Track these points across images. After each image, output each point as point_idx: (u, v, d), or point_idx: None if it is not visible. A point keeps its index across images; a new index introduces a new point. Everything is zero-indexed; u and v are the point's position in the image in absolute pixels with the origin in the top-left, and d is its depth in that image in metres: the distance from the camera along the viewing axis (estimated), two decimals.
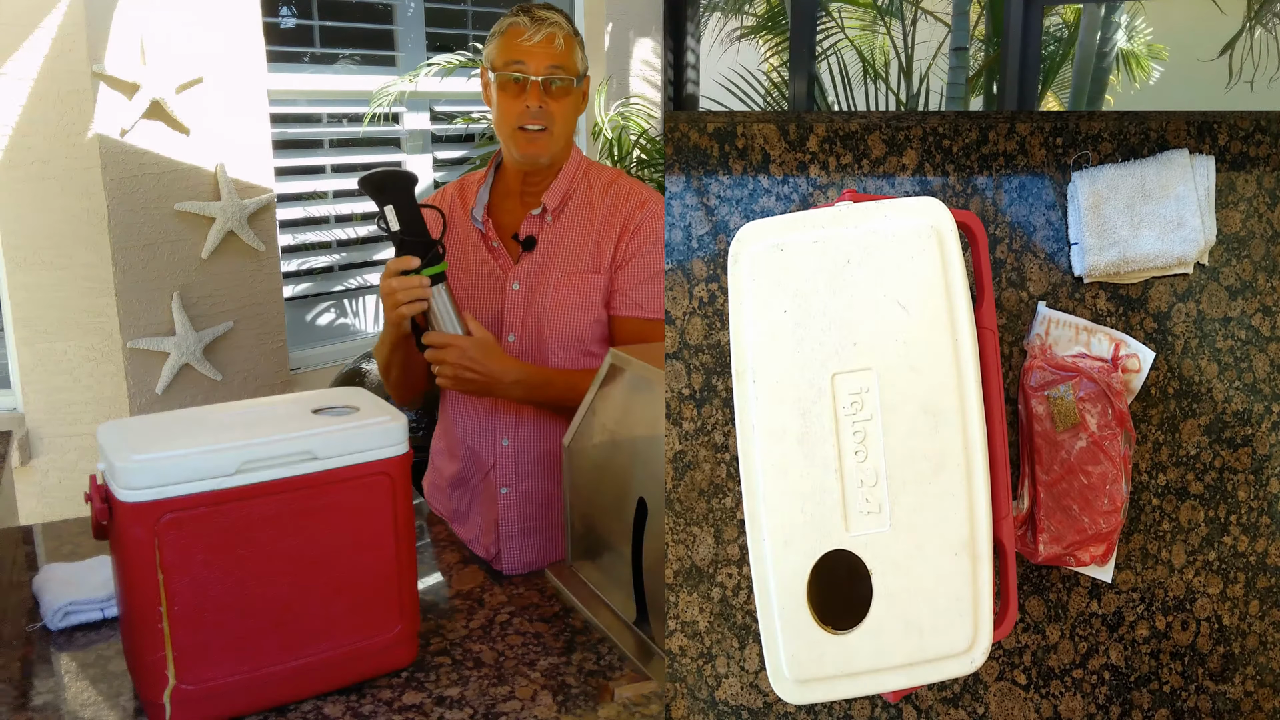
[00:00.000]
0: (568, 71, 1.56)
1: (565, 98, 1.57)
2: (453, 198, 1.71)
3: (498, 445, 1.66)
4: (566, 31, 1.57)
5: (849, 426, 0.84)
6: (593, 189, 1.64)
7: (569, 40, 1.57)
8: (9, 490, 1.66)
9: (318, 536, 1.11)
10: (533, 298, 1.61)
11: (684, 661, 1.02)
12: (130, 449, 1.04)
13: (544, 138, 1.56)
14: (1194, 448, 1.05)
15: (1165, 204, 1.03)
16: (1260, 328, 1.06)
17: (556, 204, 1.61)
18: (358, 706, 1.14)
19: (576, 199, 1.63)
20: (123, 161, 2.32)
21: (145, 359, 2.43)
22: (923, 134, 1.02)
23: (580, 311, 1.59)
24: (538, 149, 1.57)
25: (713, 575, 1.01)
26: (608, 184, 1.65)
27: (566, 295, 1.59)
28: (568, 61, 1.56)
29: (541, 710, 1.14)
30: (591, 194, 1.63)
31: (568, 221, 1.62)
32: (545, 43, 1.54)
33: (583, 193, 1.63)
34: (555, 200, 1.61)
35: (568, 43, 1.57)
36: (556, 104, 1.56)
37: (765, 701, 1.01)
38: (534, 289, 1.61)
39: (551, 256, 1.61)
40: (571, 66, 1.57)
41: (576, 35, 1.60)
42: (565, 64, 1.56)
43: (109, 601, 1.32)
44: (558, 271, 1.60)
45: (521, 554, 1.67)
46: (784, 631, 0.85)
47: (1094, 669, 1.05)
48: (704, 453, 1.02)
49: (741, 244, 0.88)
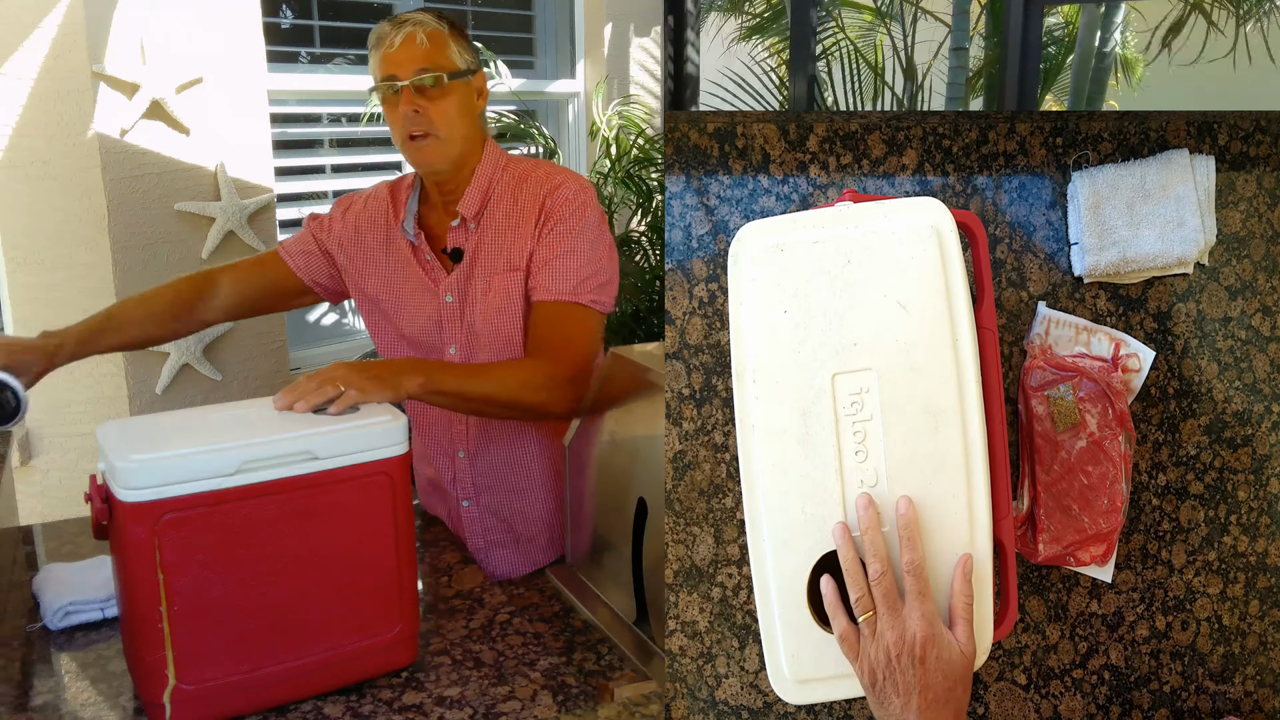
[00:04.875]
0: (437, 68, 1.45)
1: (443, 98, 1.46)
2: (385, 207, 1.63)
3: (455, 459, 1.62)
4: (432, 28, 1.46)
5: (849, 427, 0.84)
6: (512, 187, 1.55)
7: (435, 36, 1.46)
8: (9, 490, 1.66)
9: (318, 536, 1.11)
10: (464, 308, 1.55)
11: (684, 661, 1.02)
12: (130, 449, 1.04)
13: (431, 144, 1.48)
14: (1194, 448, 1.05)
15: (1165, 204, 1.03)
16: (1260, 328, 1.06)
17: (475, 210, 1.53)
18: (358, 706, 1.14)
19: (496, 200, 1.54)
20: (123, 161, 2.32)
21: (145, 359, 2.43)
22: (923, 134, 1.02)
23: (505, 314, 1.53)
24: (426, 157, 1.49)
25: (713, 575, 1.01)
26: (524, 178, 1.55)
27: (493, 300, 1.53)
28: (437, 59, 1.46)
29: (541, 710, 1.14)
30: (511, 192, 1.54)
31: (490, 225, 1.54)
32: (407, 44, 1.45)
33: (501, 192, 1.55)
34: (473, 207, 1.53)
35: (434, 39, 1.46)
36: (434, 105, 1.46)
37: (765, 701, 1.01)
38: (465, 299, 1.55)
39: (477, 263, 1.54)
40: (443, 63, 1.46)
41: (454, 29, 1.49)
42: (434, 62, 1.45)
43: (109, 601, 1.32)
44: (483, 277, 1.53)
45: (491, 565, 1.65)
46: (784, 631, 0.85)
47: (1094, 669, 1.05)
48: (704, 453, 1.02)
49: (741, 244, 0.88)
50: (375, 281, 1.62)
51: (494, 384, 1.43)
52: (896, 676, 0.79)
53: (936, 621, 0.80)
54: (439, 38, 1.47)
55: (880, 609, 0.81)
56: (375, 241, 1.62)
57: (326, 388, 1.20)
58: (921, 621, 0.79)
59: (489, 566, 1.64)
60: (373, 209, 1.64)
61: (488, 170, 1.54)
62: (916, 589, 0.80)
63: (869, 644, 0.81)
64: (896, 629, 0.80)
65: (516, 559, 1.65)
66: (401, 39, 1.45)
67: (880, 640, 0.80)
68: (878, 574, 0.81)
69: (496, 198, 1.54)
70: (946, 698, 0.79)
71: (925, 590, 0.81)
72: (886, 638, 0.80)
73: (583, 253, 1.50)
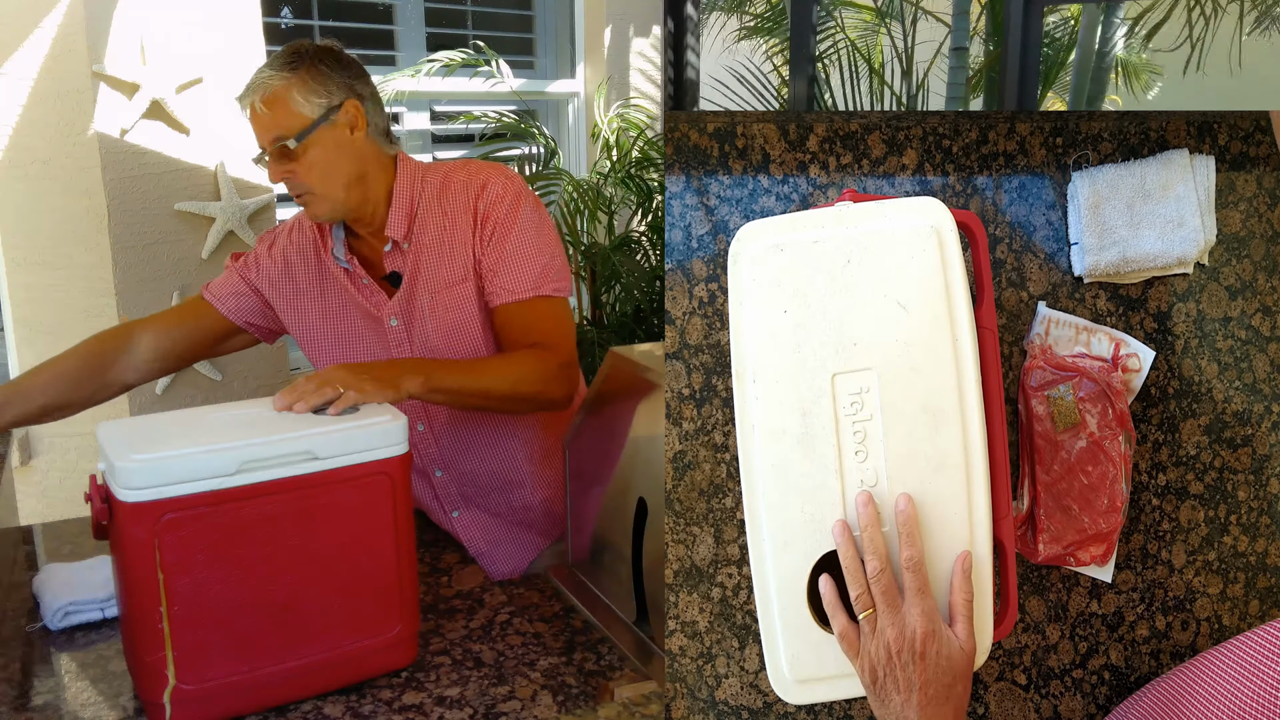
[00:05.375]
0: (285, 133, 1.39)
1: (304, 155, 1.40)
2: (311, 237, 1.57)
3: (432, 478, 1.61)
4: (271, 90, 1.39)
5: (849, 426, 0.84)
6: (435, 195, 1.50)
7: (274, 99, 1.38)
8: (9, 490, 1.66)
9: (318, 536, 1.11)
10: (412, 330, 1.51)
11: (684, 661, 1.02)
12: (130, 449, 1.04)
13: (311, 200, 1.43)
14: (1194, 448, 1.05)
15: (1165, 204, 1.03)
16: (1260, 328, 1.06)
17: (404, 231, 1.48)
18: (358, 706, 1.14)
19: (424, 215, 1.49)
20: (123, 161, 2.32)
21: None
22: (923, 134, 1.02)
23: (462, 328, 1.50)
24: (314, 212, 1.45)
25: (713, 575, 1.01)
26: (445, 185, 1.50)
27: (443, 316, 1.49)
28: (284, 122, 1.39)
29: (541, 710, 1.14)
30: (437, 203, 1.49)
31: (424, 241, 1.49)
32: (254, 115, 1.41)
33: (427, 205, 1.49)
34: (400, 228, 1.48)
35: (273, 102, 1.38)
36: (300, 165, 1.40)
37: (765, 701, 1.01)
38: (410, 320, 1.51)
39: (417, 282, 1.49)
40: (289, 123, 1.39)
41: (298, 72, 1.39)
42: (281, 127, 1.39)
43: (109, 601, 1.32)
44: (428, 294, 1.48)
45: (494, 565, 1.65)
46: (784, 631, 0.85)
47: (1094, 669, 1.05)
48: (704, 453, 1.02)
49: (741, 244, 0.88)
50: (312, 314, 1.58)
51: (492, 378, 1.43)
52: (897, 673, 0.79)
53: (936, 618, 0.80)
54: (278, 98, 1.39)
55: (880, 606, 0.81)
56: (306, 274, 1.57)
57: (326, 389, 1.19)
58: (922, 618, 0.79)
59: (495, 565, 1.65)
60: (299, 240, 1.58)
61: (405, 187, 1.49)
62: (916, 585, 0.80)
63: (869, 641, 0.81)
64: (896, 626, 0.80)
65: (519, 551, 1.66)
66: (248, 109, 1.41)
67: (880, 637, 0.80)
68: (876, 571, 0.81)
69: (423, 212, 1.49)
70: (947, 694, 0.79)
71: (925, 587, 0.81)
72: (887, 634, 0.80)
73: (530, 246, 1.47)
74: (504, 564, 1.65)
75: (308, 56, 1.41)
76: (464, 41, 3.25)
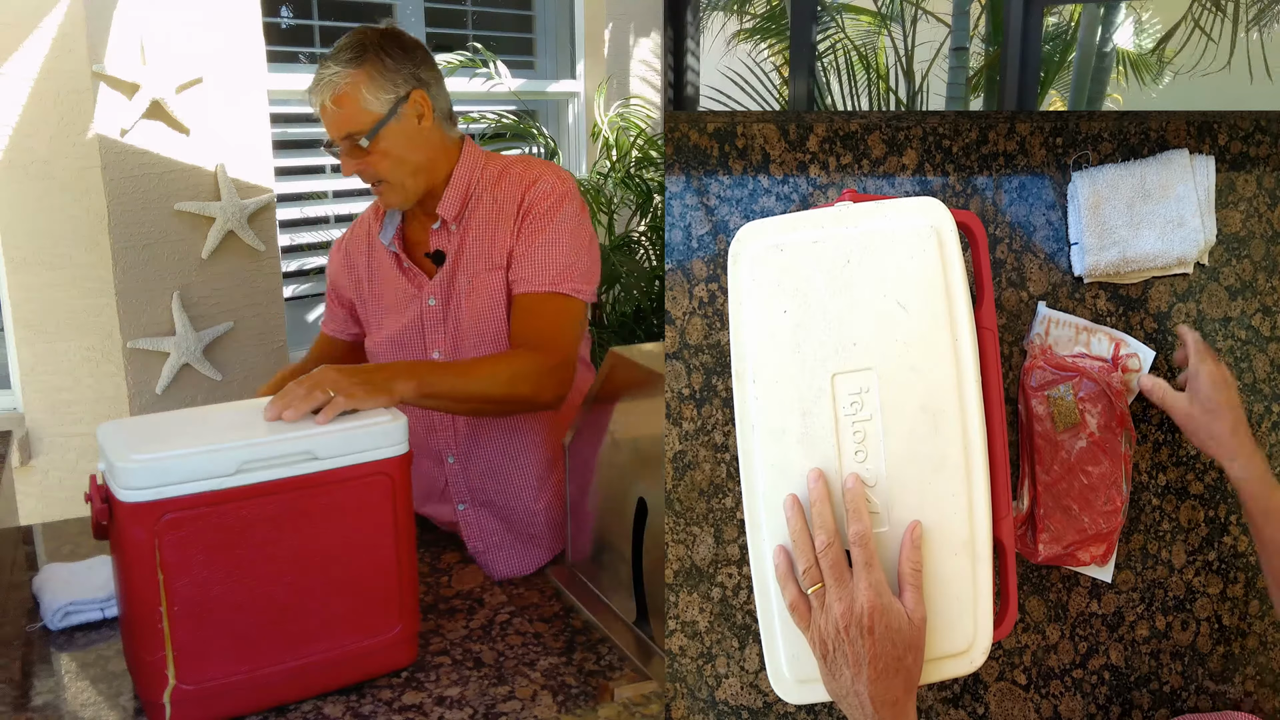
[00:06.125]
0: (356, 131, 1.44)
1: (376, 149, 1.45)
2: (368, 225, 1.66)
3: (444, 464, 1.62)
4: (339, 89, 1.43)
5: (849, 426, 0.84)
6: (491, 182, 1.54)
7: (344, 97, 1.43)
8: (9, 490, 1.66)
9: (318, 536, 1.11)
10: (448, 310, 1.55)
11: (684, 661, 1.02)
12: (130, 449, 1.04)
13: (384, 189, 1.50)
14: (1194, 448, 1.05)
15: (1165, 204, 1.03)
16: (1260, 328, 1.06)
17: (455, 212, 1.53)
18: (358, 706, 1.14)
19: (477, 200, 1.54)
20: (123, 161, 2.32)
21: (145, 359, 2.43)
22: (923, 134, 1.02)
23: (491, 312, 1.52)
24: (387, 201, 1.52)
25: (713, 575, 1.01)
26: (502, 175, 1.54)
27: (476, 300, 1.52)
28: (355, 119, 1.43)
29: (541, 710, 1.14)
30: (490, 190, 1.54)
31: (470, 225, 1.53)
32: (324, 113, 1.45)
33: (481, 191, 1.54)
34: (452, 209, 1.52)
35: (343, 101, 1.43)
36: (371, 158, 1.46)
37: (765, 701, 1.01)
38: (448, 301, 1.55)
39: (459, 265, 1.54)
40: (360, 120, 1.43)
41: (363, 68, 1.43)
42: (351, 125, 1.44)
43: (109, 601, 1.32)
44: (466, 278, 1.53)
45: (495, 566, 1.64)
46: (784, 631, 0.85)
47: (1094, 669, 1.05)
48: (704, 453, 1.02)
49: (741, 244, 0.88)
50: (366, 297, 1.66)
51: (485, 380, 1.42)
52: (846, 647, 0.79)
53: (885, 590, 0.80)
54: (347, 96, 1.43)
55: (828, 580, 0.81)
56: (361, 260, 1.66)
57: (316, 393, 1.18)
58: (869, 591, 0.79)
59: (491, 568, 1.64)
60: (358, 233, 1.68)
61: (465, 171, 1.54)
62: (863, 559, 0.80)
63: (818, 615, 0.81)
64: (844, 600, 0.80)
65: (517, 558, 1.65)
66: (318, 106, 1.46)
67: (829, 612, 0.80)
68: (824, 545, 0.81)
69: (476, 197, 1.54)
70: (897, 667, 0.79)
71: (872, 560, 0.80)
72: (835, 609, 0.80)
73: (562, 244, 1.49)
74: (503, 568, 1.65)
75: (372, 48, 1.44)
76: (464, 41, 3.25)
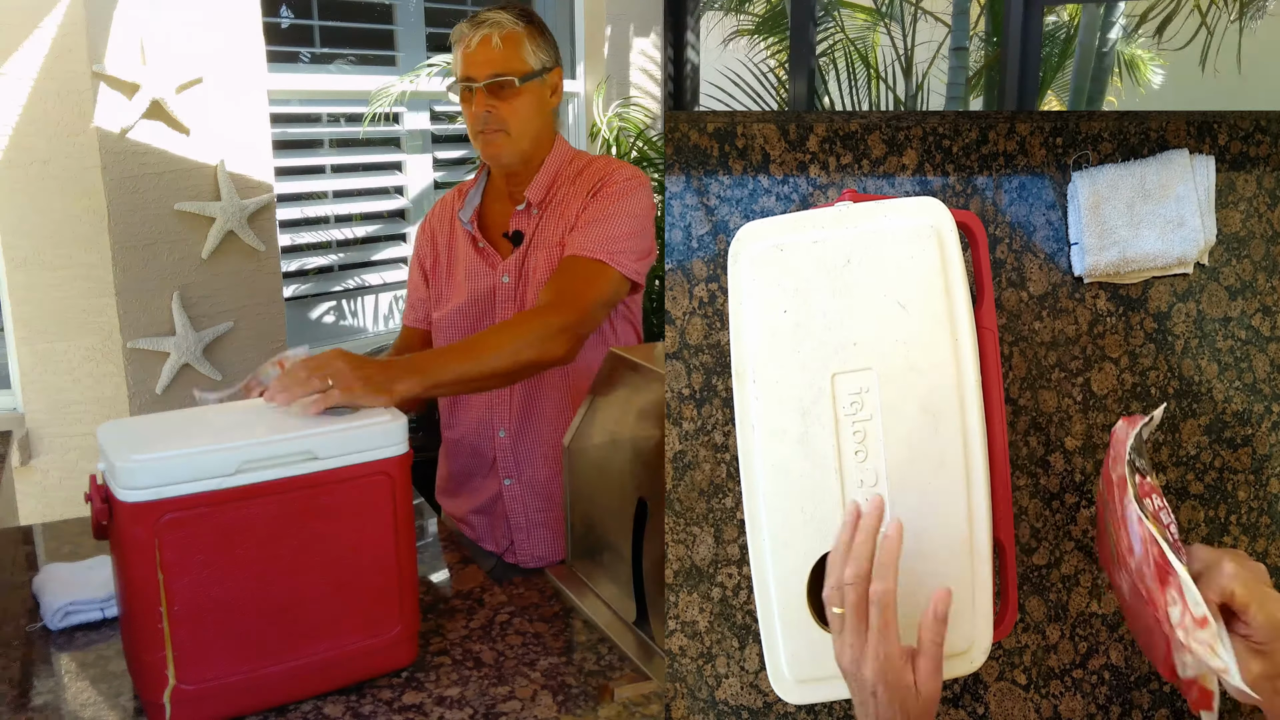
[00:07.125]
0: (511, 71, 1.52)
1: (516, 98, 1.54)
2: (451, 204, 1.73)
3: (495, 438, 1.66)
4: (507, 30, 1.53)
5: (849, 426, 0.84)
6: (574, 174, 1.63)
7: (510, 38, 1.53)
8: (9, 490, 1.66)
9: (318, 536, 1.11)
10: (519, 288, 1.62)
11: (684, 661, 1.02)
12: (130, 449, 1.04)
13: (500, 139, 1.56)
14: (1194, 448, 1.05)
15: (1165, 204, 1.03)
16: (1260, 328, 1.06)
17: (541, 197, 1.61)
18: (358, 706, 1.14)
19: (561, 189, 1.62)
20: (123, 161, 2.32)
21: (145, 359, 2.42)
22: (923, 134, 1.02)
23: None
24: (495, 150, 1.58)
25: (713, 575, 1.01)
26: (586, 166, 1.63)
27: (543, 274, 1.59)
28: (512, 62, 1.53)
29: (541, 710, 1.14)
30: (572, 180, 1.62)
31: (552, 211, 1.61)
32: (482, 47, 1.52)
33: (566, 178, 1.63)
34: (539, 194, 1.61)
35: (509, 41, 1.53)
36: (507, 105, 1.54)
37: (765, 701, 1.01)
38: (521, 279, 1.62)
39: (536, 247, 1.61)
40: (516, 65, 1.53)
41: (531, 25, 1.55)
42: (508, 65, 1.52)
43: (109, 601, 1.32)
44: (542, 259, 1.60)
45: (531, 546, 1.68)
46: (784, 631, 0.85)
47: (1094, 669, 1.05)
48: (704, 453, 1.01)
49: (741, 244, 0.88)
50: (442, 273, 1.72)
51: (490, 357, 1.41)
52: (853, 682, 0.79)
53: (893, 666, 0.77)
54: (514, 39, 1.53)
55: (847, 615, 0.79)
56: (444, 235, 1.73)
57: (314, 380, 1.19)
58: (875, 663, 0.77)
59: (528, 547, 1.67)
60: (441, 213, 1.75)
61: (555, 162, 1.62)
62: (879, 624, 0.77)
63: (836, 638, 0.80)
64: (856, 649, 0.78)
65: (549, 540, 1.68)
66: (478, 41, 1.53)
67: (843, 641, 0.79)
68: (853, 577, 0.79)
69: (560, 186, 1.62)
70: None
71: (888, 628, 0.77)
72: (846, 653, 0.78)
73: (619, 219, 1.54)
74: (537, 547, 1.67)
75: (535, 18, 1.57)
76: None
